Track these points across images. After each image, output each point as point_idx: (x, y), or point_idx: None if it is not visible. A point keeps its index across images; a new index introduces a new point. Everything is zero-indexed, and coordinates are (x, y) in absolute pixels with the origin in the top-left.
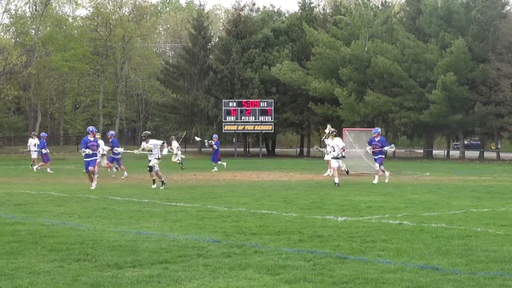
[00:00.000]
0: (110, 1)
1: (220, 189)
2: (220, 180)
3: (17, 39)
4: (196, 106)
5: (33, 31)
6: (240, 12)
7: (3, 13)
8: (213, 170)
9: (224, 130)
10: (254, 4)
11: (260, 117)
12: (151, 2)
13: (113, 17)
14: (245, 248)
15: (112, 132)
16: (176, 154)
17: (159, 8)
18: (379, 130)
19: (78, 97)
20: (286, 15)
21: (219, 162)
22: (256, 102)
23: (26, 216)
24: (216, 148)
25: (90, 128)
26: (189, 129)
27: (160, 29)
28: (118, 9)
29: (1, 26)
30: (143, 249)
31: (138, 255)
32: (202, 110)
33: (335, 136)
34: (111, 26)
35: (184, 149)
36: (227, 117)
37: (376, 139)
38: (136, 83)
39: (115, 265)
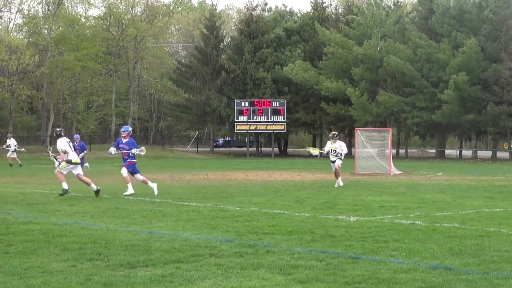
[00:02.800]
0: (122, 1)
1: (233, 188)
2: (232, 179)
3: (30, 39)
4: (208, 106)
5: (46, 31)
6: (252, 12)
7: (16, 13)
8: None
9: (237, 130)
10: (266, 4)
11: (272, 116)
12: (163, 2)
13: (126, 17)
14: (257, 248)
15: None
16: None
17: (171, 8)
18: (130, 128)
19: (90, 96)
20: (298, 15)
21: None
22: (268, 102)
23: (39, 215)
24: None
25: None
26: (201, 128)
27: (173, 29)
28: (130, 9)
29: (14, 26)
30: (155, 248)
31: (151, 255)
32: (214, 110)
33: (337, 138)
34: (124, 26)
35: (196, 149)
36: (240, 117)
37: (124, 141)
38: (148, 83)
39: (127, 264)
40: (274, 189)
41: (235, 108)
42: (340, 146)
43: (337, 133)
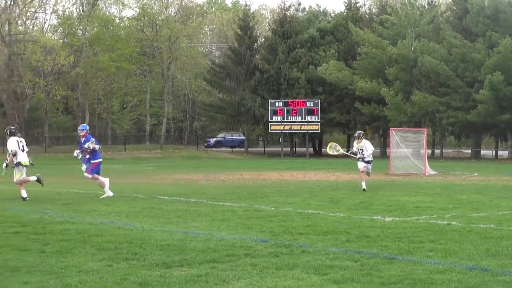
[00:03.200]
0: (156, 2)
1: (267, 188)
2: (267, 179)
3: (65, 40)
4: (242, 106)
5: (81, 32)
6: (286, 12)
7: (51, 14)
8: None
9: (271, 130)
10: (300, 4)
11: (306, 116)
12: (197, 3)
13: (160, 17)
14: (292, 248)
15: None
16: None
17: (205, 8)
18: (87, 127)
19: (125, 97)
20: (332, 15)
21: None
22: (303, 102)
23: (75, 215)
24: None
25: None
26: (236, 129)
27: (206, 29)
28: (164, 9)
29: (49, 26)
30: (190, 248)
31: (186, 255)
32: (248, 110)
33: (364, 138)
34: (158, 27)
35: (230, 149)
36: (274, 117)
37: (82, 140)
38: (182, 83)
39: (163, 264)
40: (309, 189)
41: (269, 108)
42: (365, 146)
43: (362, 132)
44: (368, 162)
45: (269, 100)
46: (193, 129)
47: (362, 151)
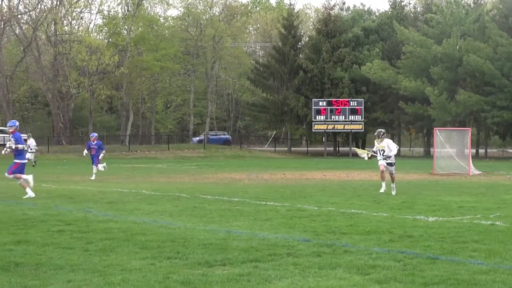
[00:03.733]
0: (201, 1)
1: (310, 188)
2: (310, 179)
3: (110, 40)
4: (286, 106)
5: (125, 32)
6: (330, 11)
7: (96, 14)
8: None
9: (314, 129)
10: (344, 3)
11: (350, 116)
12: (241, 2)
13: (204, 17)
14: (335, 248)
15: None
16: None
17: (249, 8)
18: (17, 123)
19: (169, 96)
20: (377, 14)
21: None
22: (346, 101)
23: (118, 214)
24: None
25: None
26: (279, 128)
27: (250, 28)
28: (208, 9)
29: (94, 26)
30: (233, 247)
31: (228, 254)
32: (292, 110)
33: (385, 137)
34: (202, 26)
35: (274, 148)
36: (317, 117)
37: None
38: (226, 83)
39: (205, 263)
40: (352, 189)
41: (313, 107)
42: (388, 146)
43: (383, 130)
44: (390, 164)
45: (313, 99)
46: (237, 129)
47: (384, 152)
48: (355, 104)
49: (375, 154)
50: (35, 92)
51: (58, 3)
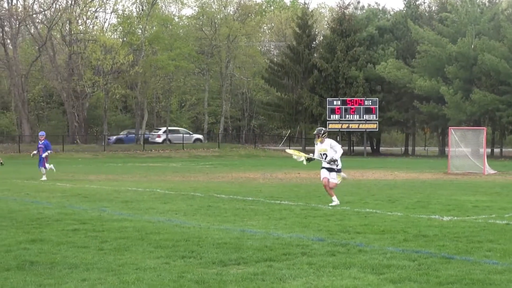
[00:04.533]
0: (215, 1)
1: None
2: None
3: (124, 39)
4: (300, 105)
5: (140, 31)
6: (345, 10)
7: (111, 13)
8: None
9: (329, 128)
10: (358, 2)
11: (364, 115)
12: (255, 1)
13: (218, 16)
14: (349, 247)
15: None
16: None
17: (263, 7)
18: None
19: (183, 95)
20: (391, 13)
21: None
22: (361, 100)
23: (133, 213)
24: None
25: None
26: (293, 127)
27: (265, 27)
28: (223, 8)
29: (109, 26)
30: (247, 246)
31: (243, 253)
32: (306, 109)
33: (327, 137)
34: (216, 25)
35: (288, 147)
36: (332, 116)
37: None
38: (241, 82)
39: (219, 262)
40: (366, 188)
41: (327, 106)
42: (331, 147)
43: (324, 129)
44: (332, 170)
45: (327, 98)
46: (251, 128)
47: (326, 155)
48: (370, 103)
49: (313, 158)
50: (50, 91)
51: (73, 2)
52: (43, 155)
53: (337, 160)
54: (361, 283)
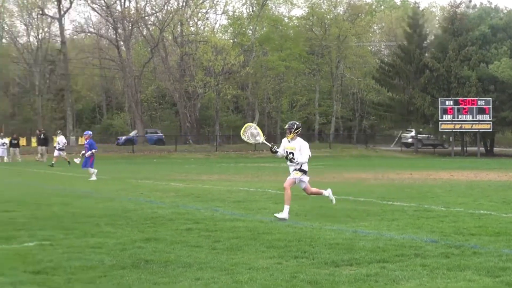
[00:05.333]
0: (325, 1)
1: (437, 188)
2: (437, 179)
3: (235, 40)
4: (412, 105)
5: (250, 32)
6: (456, 9)
7: (222, 14)
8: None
9: (441, 129)
10: (470, 1)
11: (477, 115)
12: (365, 1)
13: (328, 16)
14: (463, 249)
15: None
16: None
17: (373, 6)
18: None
19: (294, 96)
20: (504, 11)
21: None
22: (474, 100)
23: (245, 213)
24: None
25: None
26: (405, 128)
27: (375, 27)
28: (333, 8)
29: (220, 27)
30: (359, 247)
31: (355, 254)
32: (418, 109)
33: (298, 134)
34: (326, 26)
35: (400, 148)
36: (444, 116)
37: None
38: (351, 82)
39: (332, 263)
40: (480, 189)
41: (439, 107)
42: (300, 148)
43: (297, 123)
44: (300, 170)
45: (439, 98)
46: (362, 128)
47: (293, 155)
48: (483, 103)
49: (274, 150)
50: (162, 92)
51: (184, 4)
52: (87, 154)
53: (303, 164)
54: (476, 286)
